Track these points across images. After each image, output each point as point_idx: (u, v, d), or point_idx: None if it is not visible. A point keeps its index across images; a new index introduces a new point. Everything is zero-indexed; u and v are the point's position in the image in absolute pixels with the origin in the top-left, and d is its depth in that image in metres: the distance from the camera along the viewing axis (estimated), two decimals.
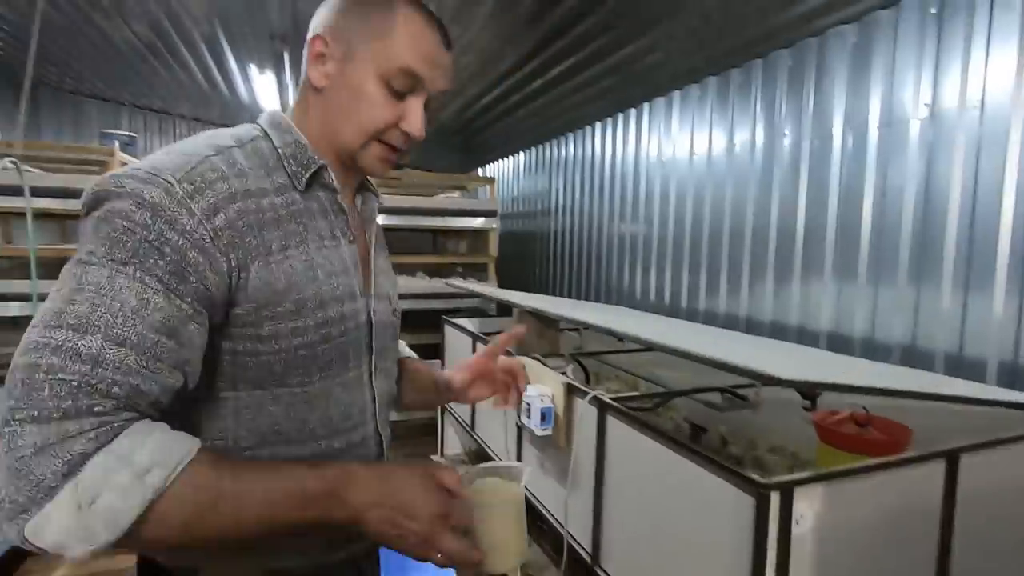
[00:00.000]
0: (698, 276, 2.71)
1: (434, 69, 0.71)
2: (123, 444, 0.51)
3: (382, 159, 0.74)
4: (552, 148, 4.38)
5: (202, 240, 0.58)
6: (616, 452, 1.30)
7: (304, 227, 0.68)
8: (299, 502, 0.57)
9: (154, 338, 0.54)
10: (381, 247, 0.88)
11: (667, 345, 1.08)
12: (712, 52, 2.48)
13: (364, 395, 0.78)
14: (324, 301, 0.69)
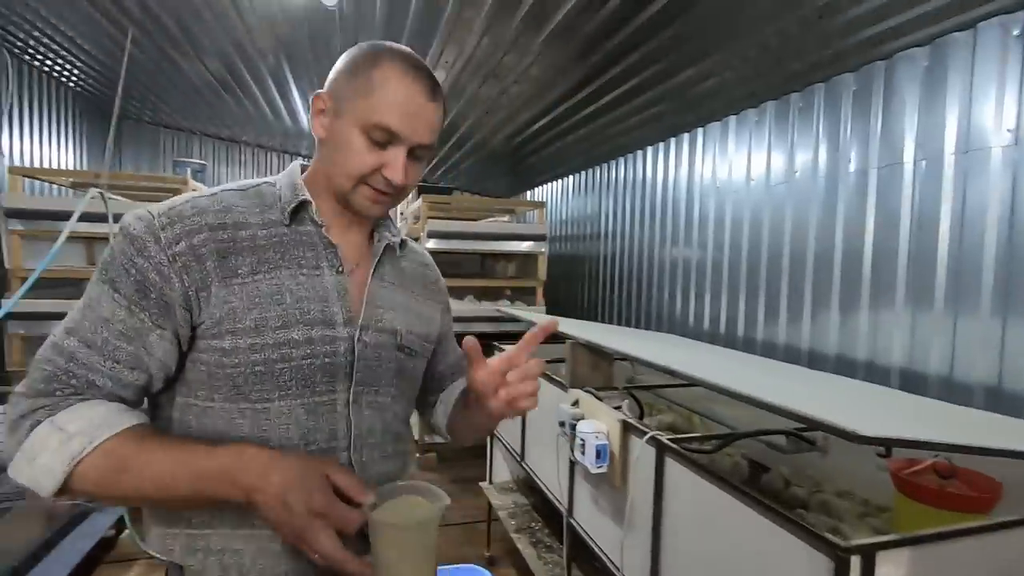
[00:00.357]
0: (756, 304, 2.62)
1: (410, 123, 0.75)
2: (62, 417, 0.66)
3: (371, 200, 0.78)
4: (602, 172, 4.37)
5: (160, 264, 0.69)
6: (676, 496, 1.25)
7: (282, 256, 0.76)
8: (192, 477, 0.66)
9: (115, 343, 0.69)
10: (400, 284, 0.89)
11: (734, 390, 1.04)
12: (771, 79, 2.43)
13: (336, 423, 0.77)
14: (288, 323, 0.73)
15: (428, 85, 0.77)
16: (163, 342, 0.71)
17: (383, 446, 0.83)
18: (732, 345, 2.75)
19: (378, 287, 0.84)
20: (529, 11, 2.31)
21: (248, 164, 6.09)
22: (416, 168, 0.80)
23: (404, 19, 2.59)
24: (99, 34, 3.33)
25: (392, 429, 0.85)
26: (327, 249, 0.79)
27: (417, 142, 0.76)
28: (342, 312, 0.78)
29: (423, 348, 0.90)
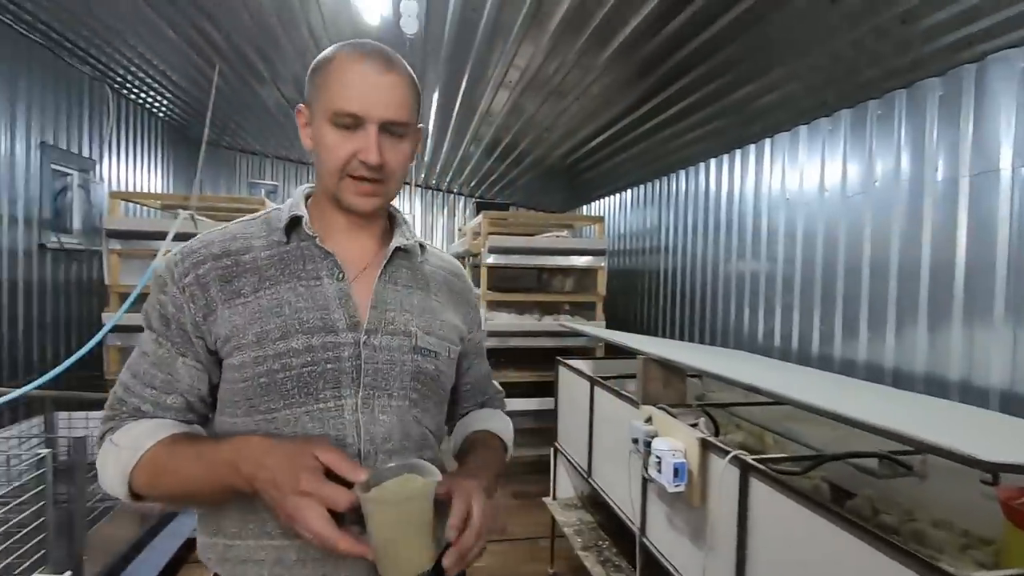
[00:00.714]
0: (832, 319, 2.51)
1: (368, 101, 0.75)
2: (118, 436, 0.76)
3: (356, 192, 0.79)
4: (661, 185, 4.32)
5: (175, 297, 0.77)
6: (762, 518, 1.21)
7: (282, 271, 0.79)
8: (206, 470, 0.71)
9: (152, 372, 0.78)
10: (419, 287, 0.88)
11: (831, 410, 1.00)
12: (844, 87, 2.36)
13: (344, 429, 0.77)
14: (287, 333, 0.75)
15: (380, 61, 0.77)
16: (187, 367, 0.78)
17: (404, 453, 0.80)
18: (806, 362, 2.64)
19: (389, 289, 0.83)
20: (595, 30, 2.34)
21: None
22: (397, 148, 0.79)
23: (471, 42, 2.67)
24: (188, 67, 3.61)
25: (414, 434, 0.82)
26: (325, 259, 0.81)
27: (382, 117, 0.76)
28: (345, 318, 0.78)
29: (447, 350, 0.87)
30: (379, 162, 0.76)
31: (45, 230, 3.39)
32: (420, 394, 0.83)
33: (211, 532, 0.80)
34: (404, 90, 0.79)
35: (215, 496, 0.74)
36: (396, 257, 0.86)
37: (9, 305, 3.08)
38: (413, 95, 0.81)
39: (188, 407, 0.79)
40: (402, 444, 0.80)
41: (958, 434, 1.04)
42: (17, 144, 3.15)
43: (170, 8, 2.74)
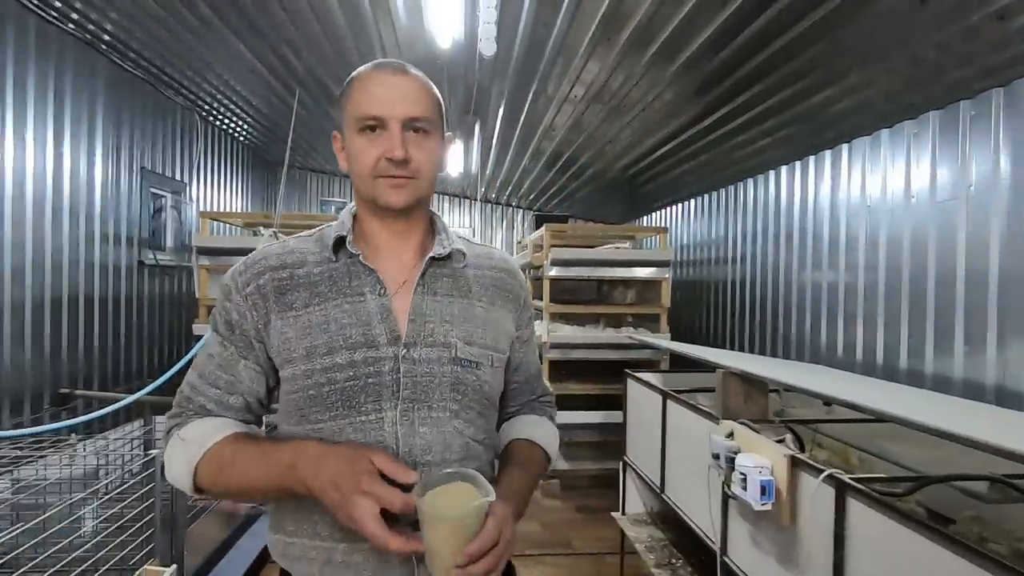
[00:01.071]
0: (922, 332, 2.36)
1: (386, 102, 0.80)
2: (184, 432, 0.81)
3: (389, 187, 0.82)
4: (727, 194, 4.22)
5: (239, 304, 0.82)
6: (861, 541, 1.15)
7: (331, 288, 0.82)
8: (265, 470, 0.75)
9: (216, 373, 0.83)
10: (460, 294, 0.87)
11: (942, 429, 0.95)
12: (930, 89, 2.24)
13: (384, 438, 0.79)
14: (332, 349, 0.79)
15: (395, 67, 0.83)
16: (248, 370, 0.84)
17: (444, 465, 0.80)
18: (893, 378, 2.49)
19: (427, 301, 0.84)
20: (663, 45, 2.34)
21: None
22: (422, 145, 0.82)
23: (539, 59, 2.73)
24: (268, 94, 3.86)
25: (455, 446, 0.82)
26: (368, 275, 0.83)
27: (403, 115, 0.80)
28: (385, 332, 0.80)
29: (489, 359, 0.87)
30: (404, 156, 0.79)
31: (143, 248, 3.69)
32: (461, 405, 0.83)
33: (275, 528, 0.85)
34: (421, 90, 0.83)
35: (273, 495, 0.80)
36: (433, 267, 0.87)
37: (113, 317, 3.36)
38: (432, 98, 0.85)
39: (247, 408, 0.85)
40: (442, 456, 0.81)
41: None
42: (121, 170, 3.46)
43: (256, 40, 2.94)
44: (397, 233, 0.87)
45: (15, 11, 2.57)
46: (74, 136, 2.99)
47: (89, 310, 3.13)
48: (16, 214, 2.59)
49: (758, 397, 1.72)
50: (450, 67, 3.03)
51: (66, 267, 2.93)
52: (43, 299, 2.77)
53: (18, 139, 2.60)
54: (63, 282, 2.91)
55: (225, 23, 2.74)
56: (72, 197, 2.98)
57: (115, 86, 3.34)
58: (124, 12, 2.68)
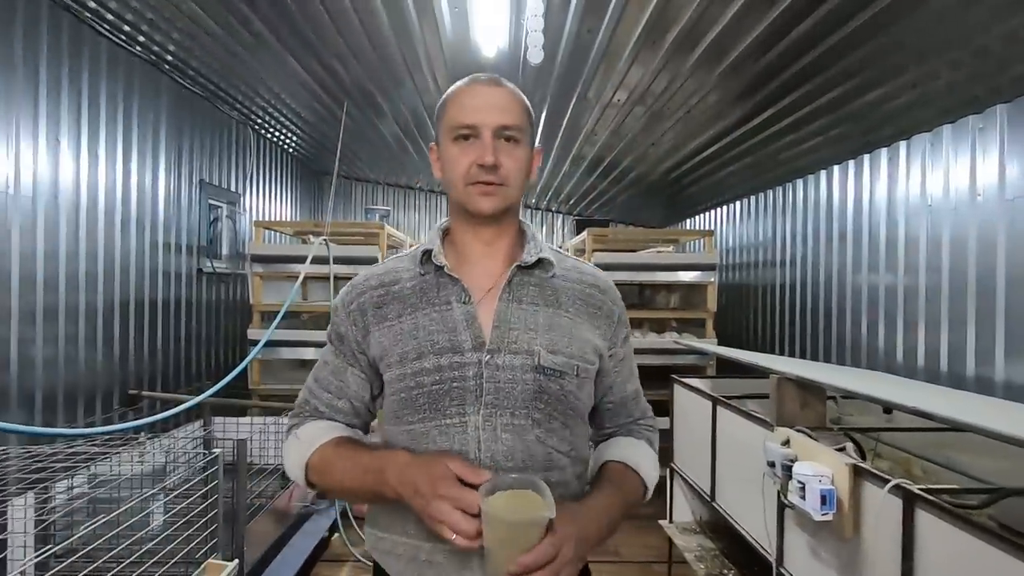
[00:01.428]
0: (990, 337, 2.24)
1: (478, 111, 0.84)
2: (300, 431, 0.91)
3: (478, 194, 0.85)
4: (775, 196, 4.11)
5: (345, 319, 0.92)
6: (931, 556, 1.11)
7: (421, 299, 0.88)
8: (361, 476, 0.82)
9: (328, 379, 0.93)
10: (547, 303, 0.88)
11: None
12: (996, 82, 2.14)
13: (467, 444, 0.81)
14: (421, 354, 0.84)
15: (486, 79, 0.88)
16: (355, 377, 0.93)
17: (528, 471, 0.81)
18: (959, 385, 2.37)
19: (512, 308, 0.86)
20: (709, 46, 2.31)
21: (421, 208, 6.74)
22: (514, 152, 0.86)
23: (583, 64, 2.73)
24: (317, 106, 3.99)
25: (537, 454, 0.83)
26: (454, 284, 0.88)
27: (494, 123, 0.83)
28: (470, 339, 0.83)
29: (574, 369, 0.86)
30: (494, 162, 0.83)
31: (201, 256, 3.86)
32: (544, 414, 0.84)
33: (371, 523, 0.92)
34: (512, 100, 0.87)
35: (367, 497, 0.86)
36: (520, 275, 0.89)
37: (174, 321, 3.53)
38: (522, 108, 0.88)
39: (354, 412, 0.94)
40: (524, 463, 0.82)
41: None
42: (182, 182, 3.64)
43: (307, 54, 3.05)
44: (486, 241, 0.91)
45: (90, 37, 2.75)
46: (140, 152, 3.17)
47: (153, 315, 3.30)
48: (89, 225, 2.76)
49: (815, 404, 1.67)
50: (496, 73, 3.06)
51: (133, 274, 3.10)
52: (113, 304, 2.94)
53: (92, 156, 2.78)
54: (130, 288, 3.08)
55: (278, 39, 2.86)
56: (138, 209, 3.15)
57: (177, 104, 3.53)
58: (185, 32, 2.83)
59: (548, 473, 0.83)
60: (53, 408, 2.54)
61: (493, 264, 0.90)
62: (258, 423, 2.91)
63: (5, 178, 2.30)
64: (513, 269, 0.88)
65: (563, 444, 0.86)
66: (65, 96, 2.60)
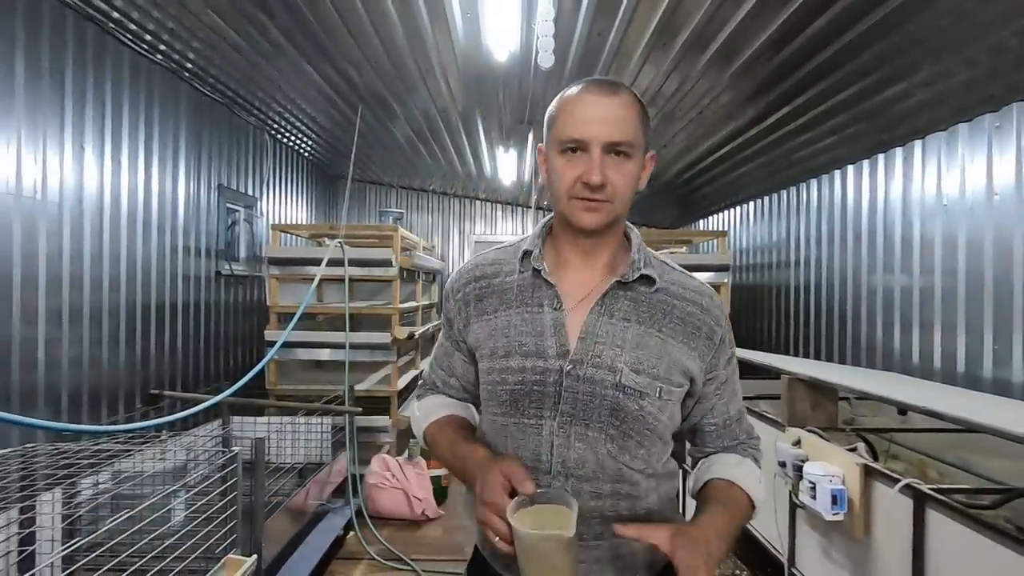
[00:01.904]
0: (1008, 339, 2.22)
1: (588, 126, 0.82)
2: (422, 402, 1.03)
3: (583, 210, 0.84)
4: (789, 196, 4.08)
5: (453, 306, 0.97)
6: (942, 555, 1.11)
7: (516, 297, 0.90)
8: (452, 458, 0.91)
9: (442, 359, 1.03)
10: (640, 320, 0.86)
11: None
12: (1013, 79, 2.11)
13: (540, 444, 0.84)
14: (509, 353, 0.87)
15: (601, 87, 0.83)
16: (460, 360, 0.99)
17: (596, 482, 0.82)
18: (976, 387, 2.34)
19: (602, 322, 0.85)
20: (720, 47, 2.32)
21: (434, 210, 6.79)
22: (623, 167, 0.83)
23: (594, 67, 2.75)
24: (332, 111, 4.05)
25: (608, 468, 0.83)
26: (548, 289, 0.88)
27: (605, 140, 0.80)
28: (556, 346, 0.84)
29: (657, 391, 0.83)
30: (600, 182, 0.81)
31: (220, 259, 3.94)
32: (619, 431, 0.84)
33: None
34: (626, 111, 0.83)
35: (458, 478, 0.92)
36: (617, 288, 0.87)
37: (194, 323, 3.61)
38: (637, 118, 0.84)
39: (464, 389, 1.02)
40: (595, 473, 0.83)
41: None
42: (201, 187, 3.72)
43: (322, 60, 3.11)
44: (586, 250, 0.90)
45: (113, 47, 2.83)
46: (161, 157, 3.25)
47: (173, 316, 3.38)
48: (112, 228, 2.84)
49: (827, 404, 1.67)
50: (506, 78, 3.09)
51: (154, 276, 3.18)
52: (135, 305, 3.01)
53: (115, 162, 2.86)
54: (151, 290, 3.16)
55: (295, 46, 2.92)
56: (159, 213, 3.23)
57: (196, 110, 3.61)
58: (205, 41, 2.90)
59: (618, 485, 0.84)
60: (78, 407, 2.62)
61: (591, 274, 0.89)
62: (275, 423, 2.96)
63: (33, 183, 2.37)
64: (612, 283, 0.87)
65: (636, 462, 0.85)
66: (90, 105, 2.68)
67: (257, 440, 2.05)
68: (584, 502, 0.81)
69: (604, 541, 0.84)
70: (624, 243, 0.92)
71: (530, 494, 0.74)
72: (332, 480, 3.09)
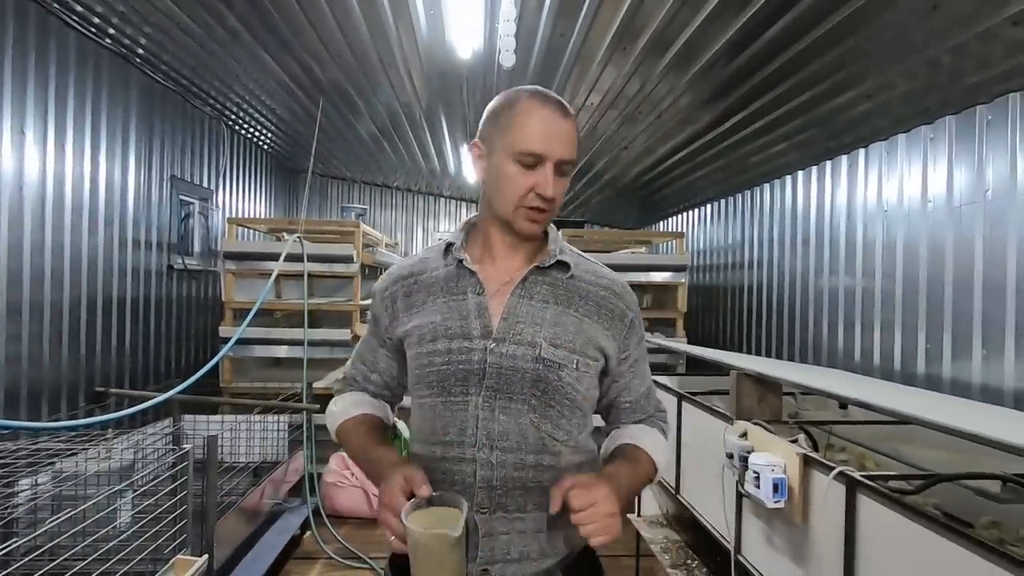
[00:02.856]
0: (939, 337, 2.36)
1: (550, 143, 0.87)
2: (340, 398, 1.07)
3: (529, 220, 0.91)
4: (744, 199, 4.23)
5: (380, 303, 1.02)
6: (872, 538, 1.18)
7: (442, 288, 0.96)
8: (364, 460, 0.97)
9: (365, 355, 1.07)
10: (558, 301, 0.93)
11: (967, 431, 0.97)
12: (947, 93, 2.25)
13: (466, 419, 0.89)
14: (436, 337, 0.92)
15: (559, 108, 0.90)
16: (384, 357, 1.05)
17: (520, 453, 0.88)
18: (911, 382, 2.49)
19: (522, 304, 0.92)
20: (680, 51, 2.38)
21: (399, 207, 6.74)
22: (561, 183, 0.91)
23: (556, 67, 2.78)
24: (293, 104, 3.97)
25: (530, 438, 0.88)
26: (471, 277, 0.95)
27: (560, 157, 0.88)
28: (479, 327, 0.91)
29: (574, 363, 0.90)
30: (553, 196, 0.89)
31: (172, 253, 3.81)
32: (540, 401, 0.90)
33: None
34: (574, 132, 0.92)
35: (368, 478, 0.99)
36: (536, 274, 0.95)
37: (144, 319, 3.48)
38: (577, 139, 0.93)
39: (385, 385, 1.07)
40: (519, 444, 0.89)
41: None
42: (153, 178, 3.59)
43: (282, 51, 3.05)
44: (511, 246, 0.98)
45: (56, 27, 2.70)
46: (109, 146, 3.12)
47: (121, 312, 3.25)
48: (56, 220, 2.71)
49: (771, 398, 1.74)
50: (470, 76, 3.10)
51: (101, 271, 3.05)
52: (79, 301, 2.89)
53: (58, 149, 2.73)
54: (98, 285, 3.03)
55: (253, 35, 2.85)
56: (107, 204, 3.10)
57: (147, 98, 3.48)
58: (157, 26, 2.80)
59: (541, 455, 0.90)
60: (16, 405, 2.49)
61: (513, 263, 0.97)
62: (229, 421, 2.89)
63: None
64: (530, 269, 0.94)
65: (558, 432, 0.91)
66: (31, 88, 2.56)
67: (209, 438, 2.00)
68: (508, 473, 0.88)
69: (528, 513, 0.89)
70: (543, 238, 1.00)
71: (425, 496, 0.79)
72: (289, 479, 3.04)
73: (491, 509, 0.87)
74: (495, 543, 0.87)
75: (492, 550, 0.87)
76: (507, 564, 0.87)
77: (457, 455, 0.89)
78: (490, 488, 0.88)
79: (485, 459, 0.87)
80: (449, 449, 0.90)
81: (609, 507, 0.79)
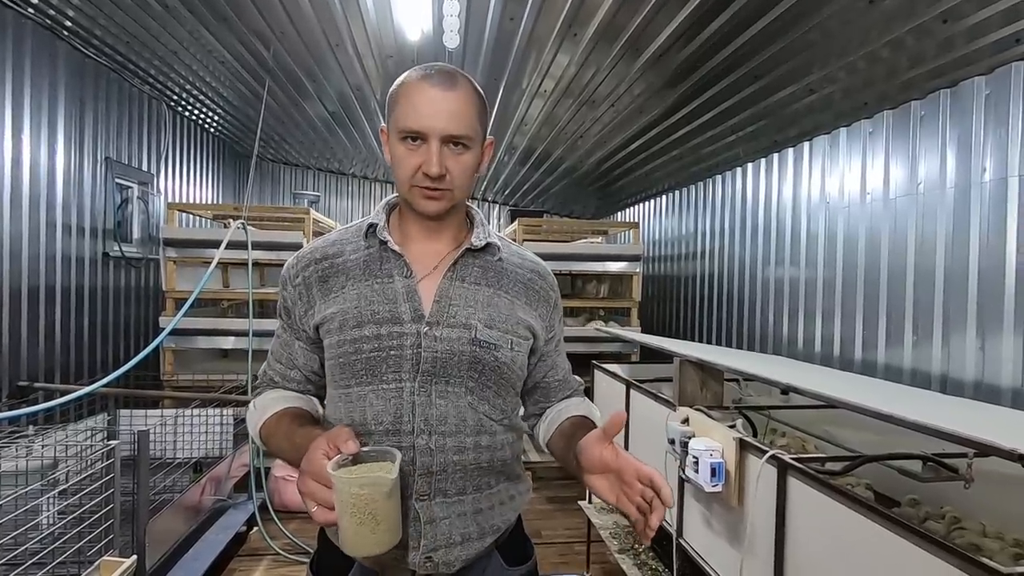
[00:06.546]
0: (875, 325, 2.46)
1: (429, 119, 0.83)
2: (257, 399, 0.98)
3: (424, 198, 0.88)
4: (697, 190, 4.30)
5: (291, 294, 0.95)
6: (801, 518, 1.21)
7: (364, 271, 0.91)
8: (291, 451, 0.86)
9: (280, 351, 0.99)
10: (489, 283, 0.93)
11: (879, 410, 1.00)
12: (885, 88, 2.33)
13: (401, 406, 0.87)
14: (361, 323, 0.87)
15: (441, 81, 0.85)
16: (301, 349, 0.97)
17: (459, 436, 0.88)
18: (849, 368, 2.59)
19: (455, 286, 0.91)
20: (629, 39, 2.38)
21: (355, 195, 6.58)
22: (460, 160, 0.86)
23: (508, 53, 2.75)
24: (239, 85, 3.80)
25: (469, 420, 0.89)
26: (397, 259, 0.91)
27: (444, 133, 0.83)
28: (409, 311, 0.88)
29: (509, 343, 0.91)
30: (440, 173, 0.84)
31: (108, 240, 3.61)
32: (478, 383, 0.90)
33: None
34: (463, 105, 0.85)
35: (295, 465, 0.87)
36: (467, 257, 0.93)
37: (76, 310, 3.29)
38: (476, 110, 0.88)
39: (306, 379, 0.99)
40: (457, 427, 0.88)
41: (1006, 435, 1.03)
42: (85, 160, 3.38)
43: (224, 29, 2.90)
44: (430, 228, 0.94)
45: None
46: (33, 124, 2.92)
47: (50, 302, 3.06)
48: None
49: (713, 385, 1.78)
50: (420, 59, 3.03)
51: (25, 258, 2.86)
52: (1, 289, 2.70)
53: None
54: (22, 273, 2.84)
55: (191, 11, 2.71)
56: (31, 185, 2.91)
57: (77, 74, 3.27)
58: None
59: (479, 437, 0.90)
60: None
61: (438, 245, 0.94)
62: (169, 414, 2.77)
63: None
64: (462, 251, 0.93)
65: (495, 412, 0.92)
66: None
67: (140, 433, 1.91)
68: (448, 458, 0.87)
69: (467, 496, 0.89)
70: (467, 221, 0.99)
71: (353, 452, 0.75)
72: (234, 474, 2.94)
73: (430, 495, 0.86)
74: (436, 529, 0.86)
75: (434, 536, 0.85)
76: (450, 548, 0.86)
77: (393, 444, 0.86)
78: (429, 474, 0.86)
79: (424, 445, 0.86)
80: (382, 438, 0.87)
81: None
